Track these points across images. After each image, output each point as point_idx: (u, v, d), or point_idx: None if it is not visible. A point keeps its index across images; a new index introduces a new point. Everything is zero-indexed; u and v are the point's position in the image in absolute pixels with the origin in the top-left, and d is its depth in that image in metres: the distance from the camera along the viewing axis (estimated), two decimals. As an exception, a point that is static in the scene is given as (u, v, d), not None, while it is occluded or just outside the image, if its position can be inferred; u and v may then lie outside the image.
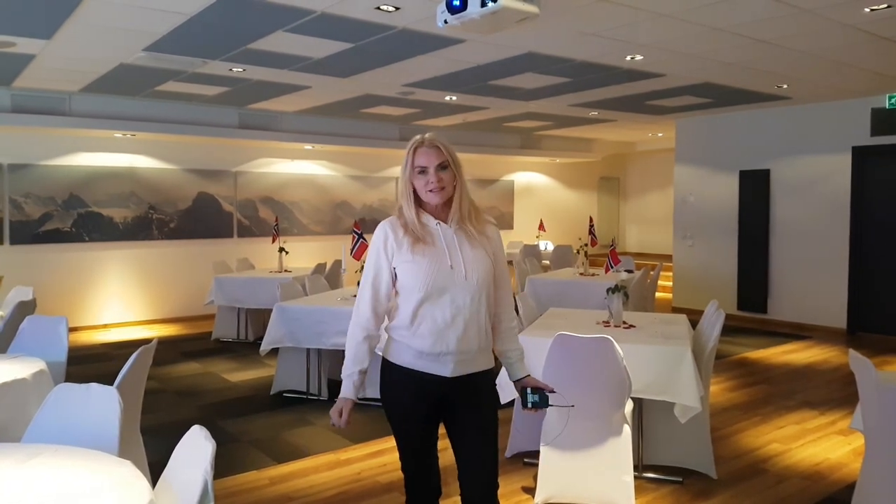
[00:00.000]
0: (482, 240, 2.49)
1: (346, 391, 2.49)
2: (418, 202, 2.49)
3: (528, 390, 2.54)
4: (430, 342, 2.41)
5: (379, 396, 2.58)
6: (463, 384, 2.47)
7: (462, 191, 2.48)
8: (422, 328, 2.42)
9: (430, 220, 2.48)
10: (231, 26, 5.50)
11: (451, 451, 2.58)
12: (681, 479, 4.13)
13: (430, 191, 2.42)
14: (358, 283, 6.47)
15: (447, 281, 2.40)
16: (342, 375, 2.52)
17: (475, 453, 2.51)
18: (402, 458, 2.59)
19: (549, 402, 2.53)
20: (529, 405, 2.52)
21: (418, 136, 2.48)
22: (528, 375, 2.61)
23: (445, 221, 2.48)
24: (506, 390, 3.78)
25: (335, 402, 2.48)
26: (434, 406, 2.50)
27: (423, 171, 2.42)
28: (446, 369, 2.43)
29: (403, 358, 2.47)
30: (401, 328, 2.47)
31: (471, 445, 2.52)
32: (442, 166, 2.42)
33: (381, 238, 2.48)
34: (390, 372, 2.52)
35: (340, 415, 2.46)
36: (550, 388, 2.56)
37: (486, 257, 2.48)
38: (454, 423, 2.54)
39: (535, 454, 3.97)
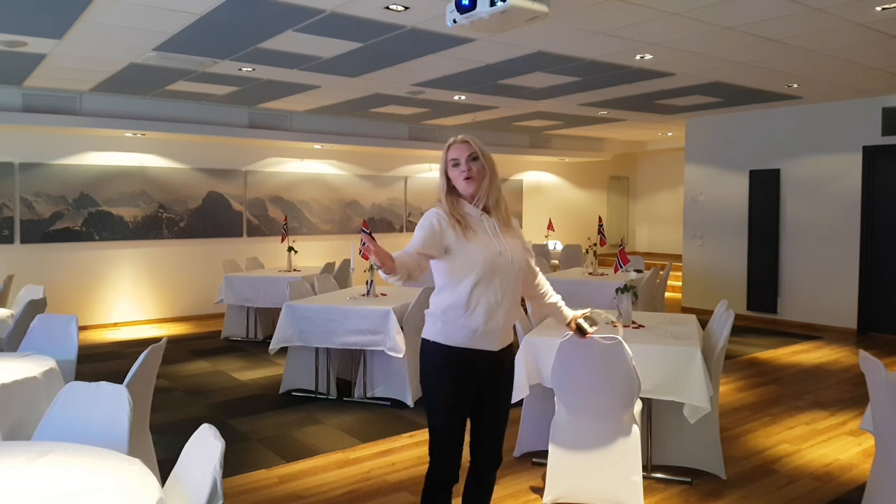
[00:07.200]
0: (513, 230, 2.83)
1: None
2: (456, 196, 2.77)
3: (581, 321, 3.08)
4: (483, 321, 2.68)
5: (387, 396, 2.63)
6: (501, 357, 2.80)
7: (493, 181, 2.77)
8: (478, 309, 2.67)
9: (473, 210, 2.75)
10: (241, 26, 5.52)
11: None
12: (690, 480, 4.12)
13: (464, 179, 2.71)
14: (366, 283, 6.48)
15: (497, 265, 2.69)
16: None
17: (496, 421, 2.85)
18: (435, 439, 2.76)
19: (596, 321, 3.14)
20: (589, 328, 3.10)
21: (452, 137, 2.80)
22: (574, 313, 3.11)
23: (486, 212, 2.76)
24: (517, 390, 3.80)
25: (344, 401, 2.54)
26: (476, 381, 2.75)
27: (457, 162, 2.73)
28: (494, 344, 2.74)
29: (457, 338, 2.70)
30: (454, 310, 2.69)
31: (494, 412, 2.83)
32: (472, 157, 2.72)
33: (435, 217, 2.69)
34: (439, 353, 2.72)
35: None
36: (587, 312, 3.12)
37: (520, 244, 2.81)
38: (484, 394, 2.79)
39: (544, 454, 3.97)
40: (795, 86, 8.10)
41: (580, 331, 3.11)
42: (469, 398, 2.75)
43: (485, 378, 2.77)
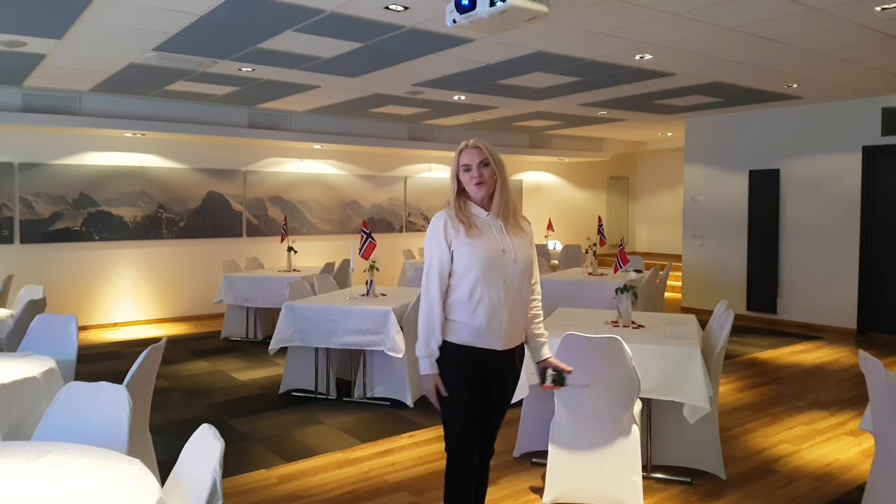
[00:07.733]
0: (520, 231, 2.87)
1: (432, 368, 2.77)
2: (465, 198, 2.84)
3: (549, 370, 2.89)
4: (486, 319, 2.73)
5: (387, 397, 2.62)
6: (508, 356, 2.83)
7: (503, 187, 2.83)
8: (480, 308, 2.73)
9: (480, 212, 2.83)
10: (240, 26, 5.52)
11: None
12: (690, 480, 4.12)
13: (475, 184, 2.78)
14: (366, 283, 6.47)
15: (500, 263, 2.75)
16: (423, 355, 2.77)
17: (499, 417, 2.95)
18: (451, 430, 2.82)
19: (566, 382, 2.88)
20: (549, 382, 2.87)
21: (465, 141, 2.86)
22: (551, 357, 2.97)
23: (494, 214, 2.82)
24: (517, 389, 3.80)
25: (344, 401, 2.55)
26: (485, 377, 2.80)
27: (468, 168, 2.79)
28: (499, 343, 2.77)
29: (462, 336, 2.76)
30: (458, 308, 2.77)
31: (499, 410, 2.92)
32: (483, 163, 2.78)
33: (441, 225, 2.79)
34: (445, 350, 2.78)
35: (437, 391, 2.74)
36: (569, 369, 2.90)
37: (527, 245, 2.87)
38: (491, 392, 2.84)
39: (544, 454, 3.97)
40: (795, 86, 8.10)
41: (541, 378, 2.92)
42: (477, 391, 2.79)
43: (492, 377, 2.82)
